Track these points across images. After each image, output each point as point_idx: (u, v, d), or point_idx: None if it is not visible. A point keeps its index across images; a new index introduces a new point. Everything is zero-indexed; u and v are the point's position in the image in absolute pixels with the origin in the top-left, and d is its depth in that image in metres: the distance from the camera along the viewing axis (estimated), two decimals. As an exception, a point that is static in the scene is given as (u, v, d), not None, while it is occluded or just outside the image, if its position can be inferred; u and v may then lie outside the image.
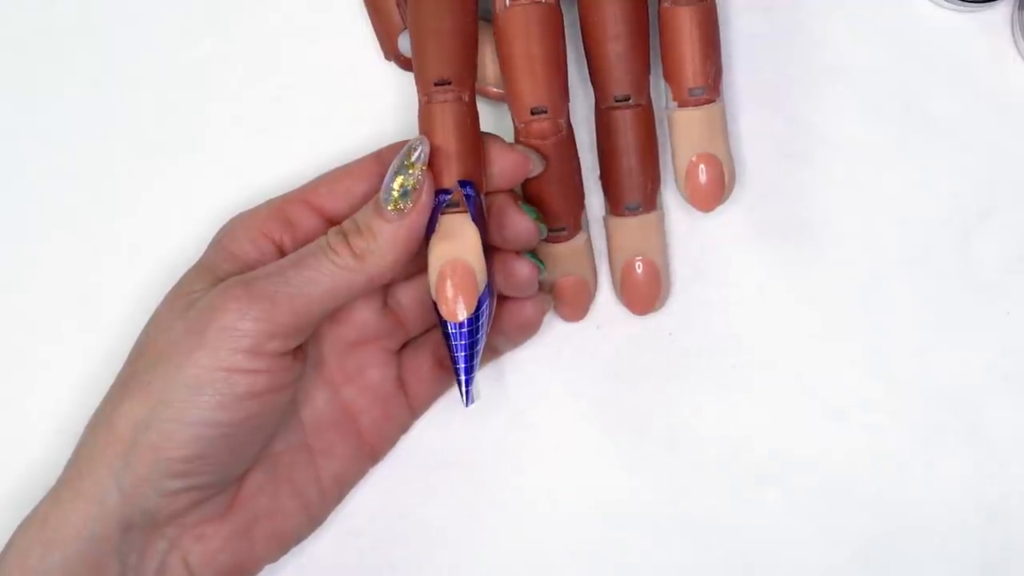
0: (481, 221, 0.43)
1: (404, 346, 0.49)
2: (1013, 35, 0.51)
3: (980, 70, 0.51)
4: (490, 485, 0.50)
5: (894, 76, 0.51)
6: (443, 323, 0.43)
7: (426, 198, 0.42)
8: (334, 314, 0.46)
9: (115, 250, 0.52)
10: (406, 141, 0.46)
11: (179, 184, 0.52)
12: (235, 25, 0.53)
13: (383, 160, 0.46)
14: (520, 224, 0.45)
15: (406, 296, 0.48)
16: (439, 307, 0.43)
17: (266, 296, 0.41)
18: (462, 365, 0.43)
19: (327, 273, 0.42)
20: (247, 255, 0.45)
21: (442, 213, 0.43)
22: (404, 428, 0.49)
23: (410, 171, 0.42)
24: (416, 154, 0.42)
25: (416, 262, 0.46)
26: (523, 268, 0.46)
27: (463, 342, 0.43)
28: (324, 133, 0.51)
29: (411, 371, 0.48)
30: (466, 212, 0.43)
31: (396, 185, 0.42)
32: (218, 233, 0.46)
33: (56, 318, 0.51)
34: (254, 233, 0.45)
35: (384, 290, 0.48)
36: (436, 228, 0.43)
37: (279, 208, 0.46)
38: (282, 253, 0.45)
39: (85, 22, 0.53)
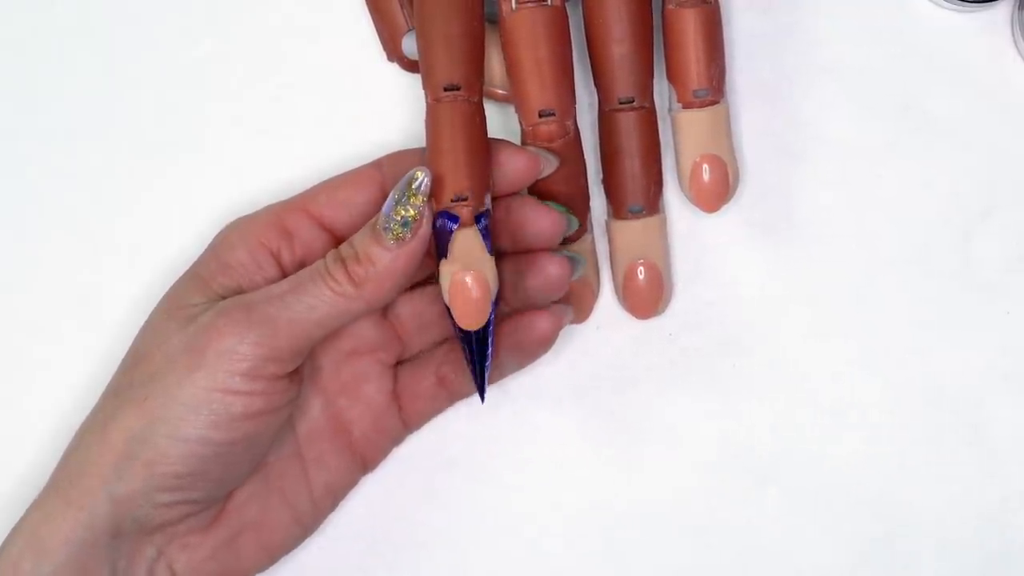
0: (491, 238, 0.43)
1: (404, 361, 0.48)
2: (1013, 35, 0.51)
3: (980, 70, 0.51)
4: (490, 486, 0.50)
5: (894, 76, 0.51)
6: (456, 328, 0.43)
7: (426, 227, 0.42)
8: None
9: (115, 250, 0.52)
10: (406, 150, 0.46)
11: (179, 184, 0.52)
12: (235, 25, 0.52)
13: (382, 169, 0.46)
14: (543, 219, 0.45)
15: (405, 309, 0.48)
16: (453, 313, 0.43)
17: (266, 321, 0.41)
18: (478, 367, 0.44)
19: (325, 300, 0.42)
20: (243, 266, 0.44)
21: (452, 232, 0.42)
22: (397, 441, 0.49)
23: (411, 201, 0.42)
24: (417, 183, 0.42)
25: (416, 274, 0.46)
26: (553, 265, 0.45)
27: (481, 346, 0.44)
28: (325, 134, 0.51)
29: (410, 387, 0.48)
30: (473, 227, 0.43)
31: (397, 216, 0.42)
32: (215, 238, 0.46)
33: (56, 318, 0.51)
34: (251, 242, 0.45)
35: None
36: (448, 252, 0.42)
37: (278, 216, 0.45)
38: (279, 263, 0.45)
39: (85, 22, 0.53)
